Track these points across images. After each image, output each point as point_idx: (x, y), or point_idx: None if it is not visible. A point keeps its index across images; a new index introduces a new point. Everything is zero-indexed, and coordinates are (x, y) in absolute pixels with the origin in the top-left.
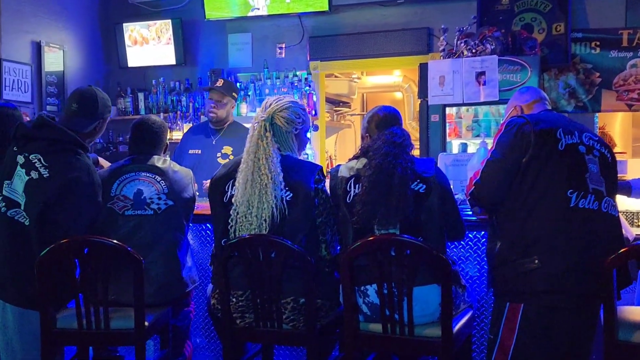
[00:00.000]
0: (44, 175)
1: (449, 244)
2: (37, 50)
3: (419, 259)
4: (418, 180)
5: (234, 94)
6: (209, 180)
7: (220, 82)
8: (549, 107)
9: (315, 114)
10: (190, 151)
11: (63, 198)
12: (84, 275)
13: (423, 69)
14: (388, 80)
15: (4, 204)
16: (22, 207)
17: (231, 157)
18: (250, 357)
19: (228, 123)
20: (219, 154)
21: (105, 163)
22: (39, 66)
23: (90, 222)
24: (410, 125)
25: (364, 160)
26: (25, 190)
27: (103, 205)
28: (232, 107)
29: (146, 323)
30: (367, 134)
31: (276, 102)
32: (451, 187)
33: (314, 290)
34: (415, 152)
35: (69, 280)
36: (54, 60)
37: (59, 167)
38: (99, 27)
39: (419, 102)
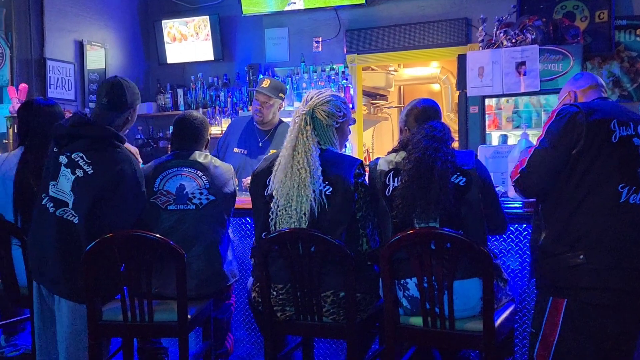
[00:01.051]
0: (89, 172)
1: (490, 237)
2: (80, 48)
3: (460, 252)
4: (458, 173)
5: (280, 94)
6: (248, 178)
7: (266, 83)
8: (605, 95)
9: (353, 107)
10: (235, 149)
11: (110, 192)
12: (128, 269)
13: (462, 60)
14: (425, 72)
15: (52, 204)
16: (71, 206)
17: None
18: (290, 349)
19: (275, 124)
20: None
21: (130, 147)
22: (82, 64)
23: (137, 214)
24: (449, 117)
25: (402, 154)
26: (73, 189)
27: (147, 200)
28: (280, 108)
29: (189, 316)
30: (405, 127)
31: (317, 95)
32: (492, 179)
33: (354, 284)
34: (454, 145)
35: (114, 274)
36: (95, 58)
37: (102, 162)
38: (138, 24)
39: (458, 93)
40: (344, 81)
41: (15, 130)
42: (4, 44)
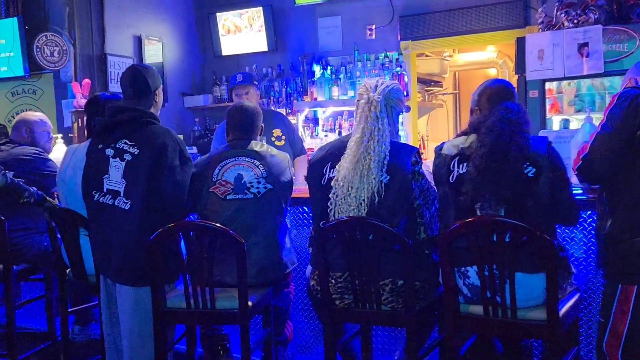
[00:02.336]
0: (136, 153)
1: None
2: (138, 43)
3: (522, 241)
4: (528, 163)
5: (254, 82)
6: None
7: (239, 77)
8: None
9: (407, 94)
10: None
11: (157, 165)
12: (190, 258)
13: (520, 43)
14: (481, 57)
15: (110, 196)
16: (122, 194)
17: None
18: (349, 337)
19: None
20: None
21: None
22: (140, 59)
23: (187, 185)
24: None
25: (472, 137)
26: (125, 175)
27: (205, 190)
28: (258, 96)
29: (249, 303)
30: (477, 108)
31: (382, 83)
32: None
33: (412, 272)
34: None
35: (176, 262)
36: (153, 53)
37: (144, 139)
38: (194, 18)
39: (516, 78)
40: (398, 68)
41: (80, 125)
42: (68, 41)
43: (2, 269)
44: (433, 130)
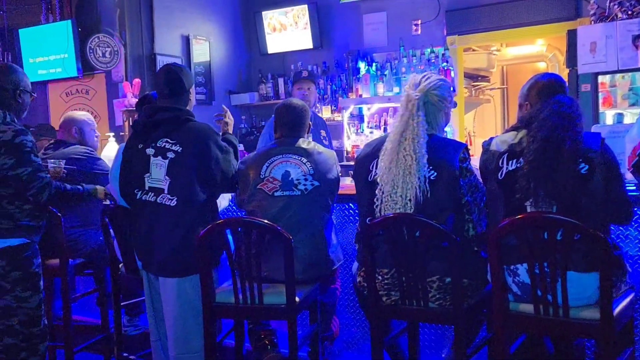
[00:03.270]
0: (179, 151)
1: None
2: (186, 43)
3: (575, 240)
4: (580, 160)
5: (316, 81)
6: None
7: (305, 73)
8: None
9: (454, 90)
10: None
11: (201, 160)
12: (238, 253)
13: (571, 36)
14: (530, 51)
15: (152, 193)
16: (166, 191)
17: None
18: (396, 334)
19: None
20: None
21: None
22: (188, 58)
23: (230, 176)
24: None
25: (522, 133)
26: (168, 172)
27: (253, 187)
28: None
29: (297, 299)
30: (526, 102)
31: (426, 80)
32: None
33: (460, 269)
34: None
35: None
36: (201, 52)
37: (186, 137)
38: (240, 17)
39: (567, 71)
40: (444, 64)
41: (130, 123)
42: (119, 42)
43: (59, 264)
44: (480, 126)
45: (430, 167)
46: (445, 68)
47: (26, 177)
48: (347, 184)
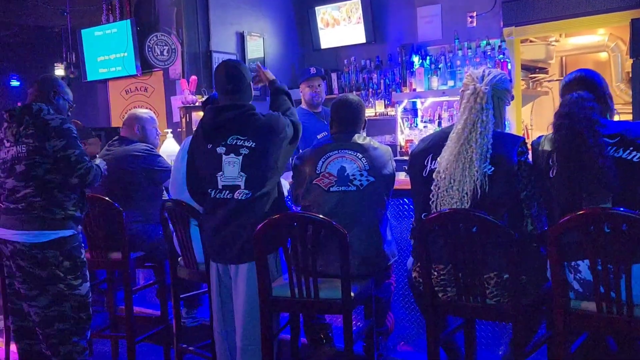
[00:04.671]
0: (252, 146)
1: None
2: (241, 39)
3: (638, 233)
4: (631, 148)
5: (323, 76)
6: None
7: (313, 70)
8: None
9: (510, 82)
10: (319, 136)
11: (272, 152)
12: (294, 248)
13: (636, 24)
14: (590, 41)
15: (227, 191)
16: (243, 186)
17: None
18: (452, 330)
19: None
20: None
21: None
22: (243, 54)
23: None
24: (618, 87)
25: None
26: (243, 168)
27: (309, 182)
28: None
29: (352, 294)
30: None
31: (490, 73)
32: None
33: (518, 265)
34: (627, 117)
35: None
36: (255, 48)
37: (256, 132)
38: (293, 12)
39: (630, 62)
40: (501, 56)
41: (187, 120)
42: (176, 40)
43: (121, 257)
44: (537, 119)
45: (488, 162)
46: (502, 60)
47: (74, 159)
48: (401, 179)
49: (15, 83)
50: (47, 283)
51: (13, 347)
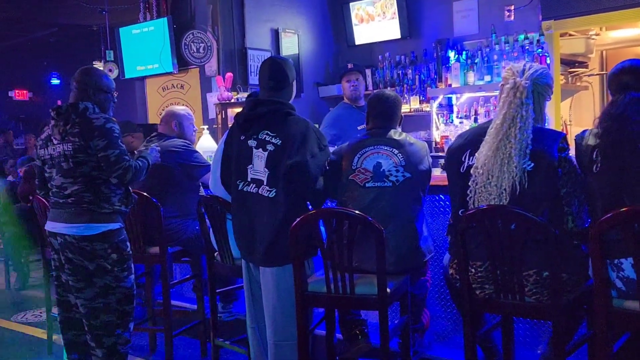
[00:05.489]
0: (278, 144)
1: None
2: (275, 36)
3: None
4: None
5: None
6: None
7: (350, 65)
8: None
9: (551, 77)
10: (359, 127)
11: (298, 153)
12: (330, 243)
13: None
14: (632, 34)
15: (253, 185)
16: (265, 182)
17: None
18: (489, 328)
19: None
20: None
21: None
22: (277, 51)
23: (323, 167)
24: None
25: None
26: (267, 164)
27: (345, 177)
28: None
29: (387, 290)
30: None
31: (530, 68)
32: None
33: (559, 263)
34: None
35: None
36: (289, 45)
37: (285, 131)
38: (327, 9)
39: None
40: (539, 50)
41: (223, 116)
42: (212, 38)
43: (159, 251)
44: (577, 115)
45: (527, 158)
46: (541, 54)
47: (114, 159)
48: (437, 175)
49: (55, 81)
50: (95, 275)
51: (55, 337)
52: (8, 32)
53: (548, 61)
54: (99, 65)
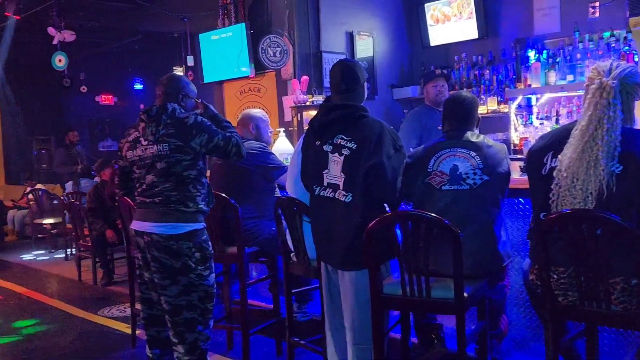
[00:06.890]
0: (354, 148)
1: None
2: (350, 39)
3: None
4: None
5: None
6: None
7: (437, 71)
8: None
9: None
10: (440, 127)
11: (374, 156)
12: (406, 246)
13: None
14: None
15: (330, 189)
16: (342, 187)
17: None
18: (572, 337)
19: None
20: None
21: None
22: (352, 54)
23: (399, 171)
24: None
25: None
26: (343, 169)
27: (421, 180)
28: None
29: (465, 294)
30: None
31: (618, 67)
32: None
33: None
34: None
35: (390, 248)
36: (364, 47)
37: (360, 134)
38: (402, 10)
39: None
40: (627, 47)
41: (299, 119)
42: (288, 42)
43: (236, 251)
44: None
45: (616, 160)
46: (628, 52)
47: (222, 143)
48: (516, 178)
49: (138, 86)
50: (179, 273)
51: (138, 332)
52: (99, 40)
53: (636, 59)
54: (179, 70)
